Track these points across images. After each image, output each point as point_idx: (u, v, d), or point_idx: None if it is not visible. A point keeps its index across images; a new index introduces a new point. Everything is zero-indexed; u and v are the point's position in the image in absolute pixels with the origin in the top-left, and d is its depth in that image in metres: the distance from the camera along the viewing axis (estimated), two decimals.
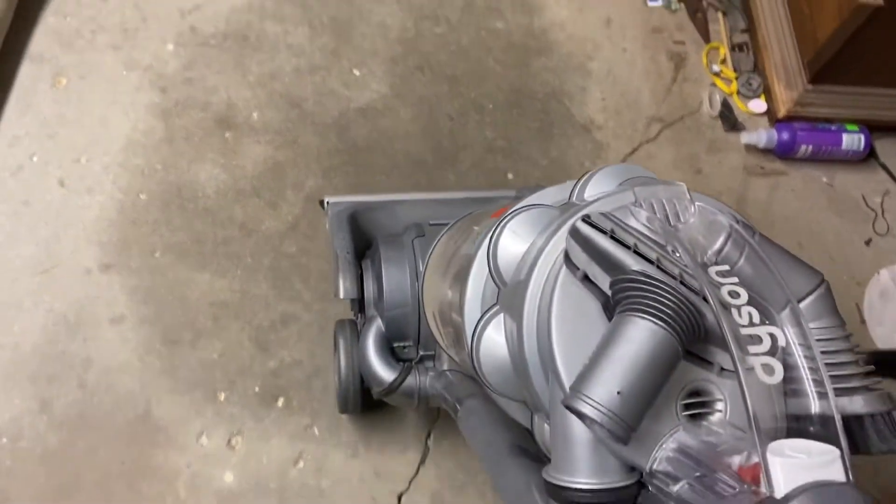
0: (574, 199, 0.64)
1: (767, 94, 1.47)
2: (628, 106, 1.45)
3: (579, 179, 0.65)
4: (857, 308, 1.35)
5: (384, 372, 0.95)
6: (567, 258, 0.54)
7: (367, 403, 1.04)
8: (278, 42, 1.39)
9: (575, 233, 0.53)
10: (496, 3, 1.50)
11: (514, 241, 0.62)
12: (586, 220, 0.53)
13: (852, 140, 1.40)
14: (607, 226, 0.52)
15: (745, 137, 1.42)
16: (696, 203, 0.56)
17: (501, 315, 0.63)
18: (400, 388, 0.95)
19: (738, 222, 0.55)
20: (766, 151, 1.43)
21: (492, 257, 0.63)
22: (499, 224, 0.64)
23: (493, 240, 0.64)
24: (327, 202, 1.10)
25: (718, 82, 1.49)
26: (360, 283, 0.99)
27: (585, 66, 1.47)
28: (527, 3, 1.51)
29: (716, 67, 1.50)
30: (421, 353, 0.97)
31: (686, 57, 1.51)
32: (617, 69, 1.48)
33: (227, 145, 1.30)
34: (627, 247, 0.50)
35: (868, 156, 1.43)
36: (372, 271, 1.02)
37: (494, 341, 0.63)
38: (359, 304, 1.02)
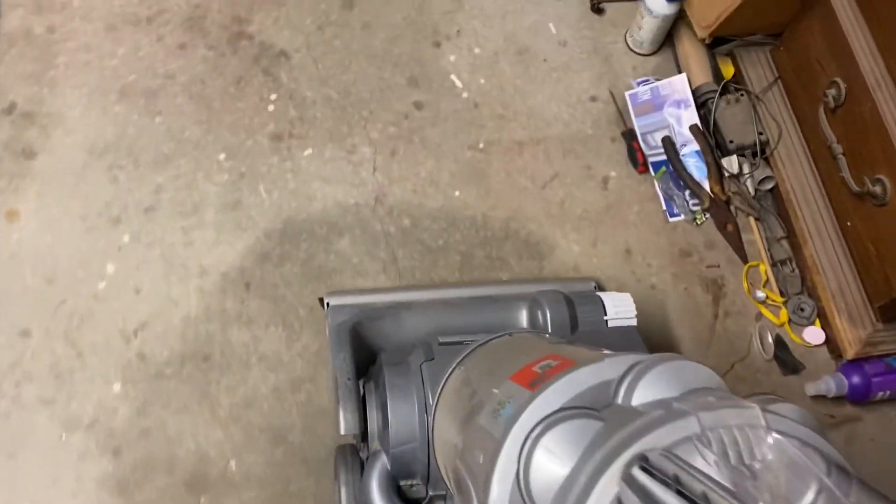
0: (620, 399, 0.56)
1: (823, 318, 1.26)
2: None
3: (627, 373, 0.56)
4: None
5: None
6: None
7: None
8: (248, 355, 1.15)
9: (631, 481, 0.45)
10: (498, 252, 1.27)
11: (550, 462, 0.53)
12: (644, 466, 0.45)
13: None
14: (670, 470, 0.44)
15: (812, 388, 1.21)
16: (774, 434, 0.48)
17: None
18: None
19: (829, 468, 0.47)
20: (835, 397, 1.22)
21: (523, 480, 0.54)
22: (529, 437, 0.55)
23: (523, 458, 0.55)
24: (327, 304, 1.05)
25: (766, 312, 1.28)
26: (363, 410, 0.90)
27: None
28: (531, 245, 1.28)
29: (760, 293, 1.28)
30: (430, 493, 0.87)
31: (724, 284, 1.30)
32: (648, 310, 1.26)
33: None
34: (696, 503, 0.41)
35: None
36: (376, 397, 0.90)
37: None
38: (362, 433, 0.92)
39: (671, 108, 1.39)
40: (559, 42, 1.46)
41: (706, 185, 1.34)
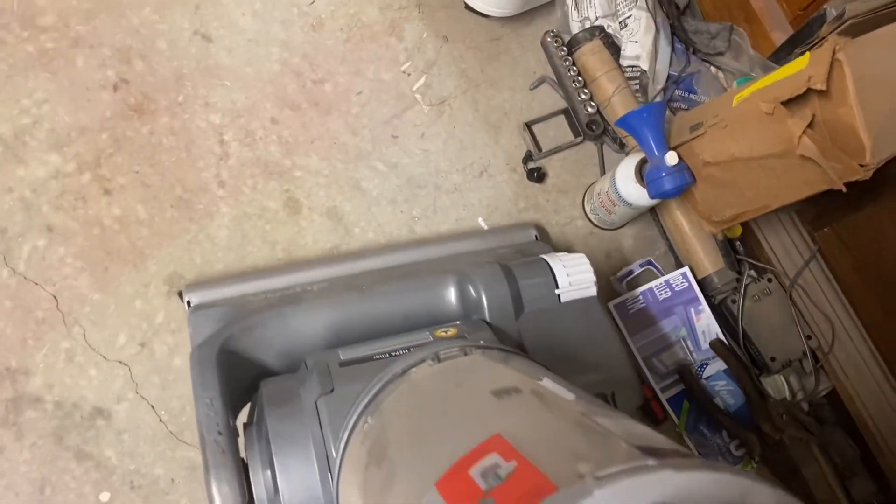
0: None
1: None
2: None
3: None
4: None
5: None
6: None
7: None
8: None
9: None
10: None
11: None
12: None
13: None
14: None
15: None
16: None
17: None
18: None
19: None
20: None
21: None
22: None
23: None
24: (188, 301, 0.83)
25: None
26: (245, 475, 0.64)
27: None
28: None
29: None
30: None
31: None
32: None
33: None
34: None
35: None
36: (260, 451, 0.65)
37: None
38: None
39: (677, 311, 0.99)
40: None
41: (748, 416, 0.98)
